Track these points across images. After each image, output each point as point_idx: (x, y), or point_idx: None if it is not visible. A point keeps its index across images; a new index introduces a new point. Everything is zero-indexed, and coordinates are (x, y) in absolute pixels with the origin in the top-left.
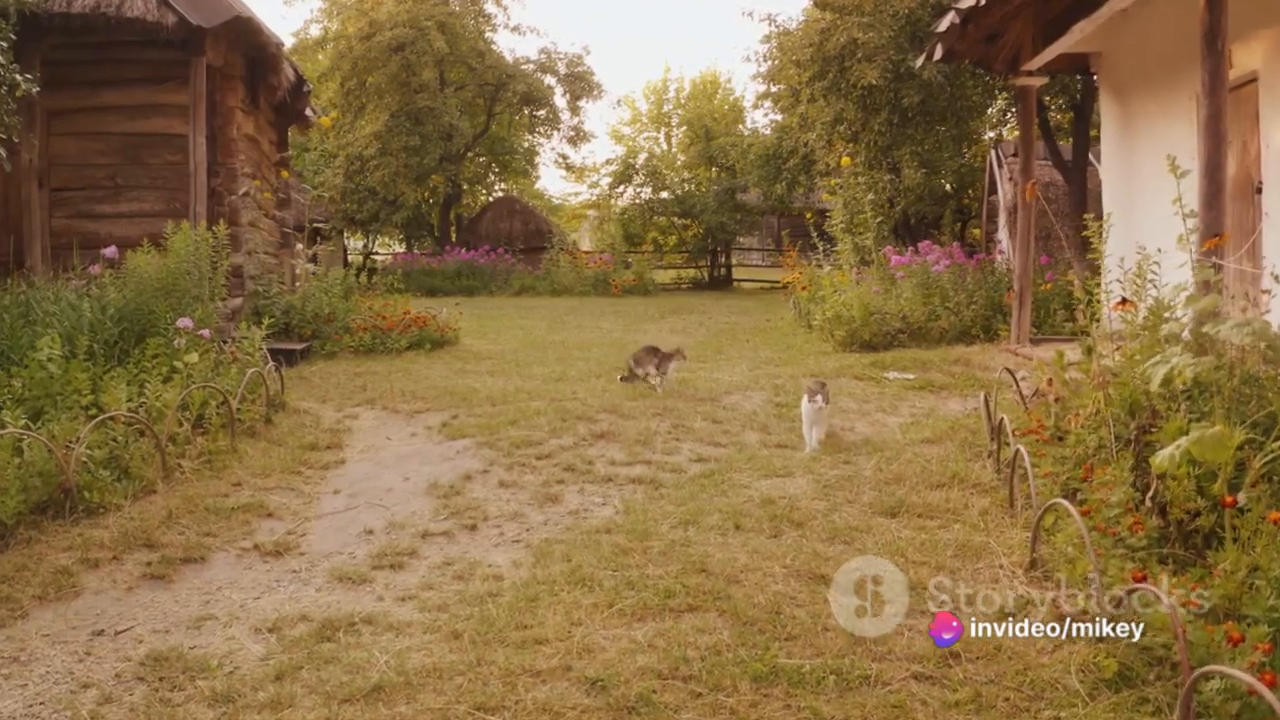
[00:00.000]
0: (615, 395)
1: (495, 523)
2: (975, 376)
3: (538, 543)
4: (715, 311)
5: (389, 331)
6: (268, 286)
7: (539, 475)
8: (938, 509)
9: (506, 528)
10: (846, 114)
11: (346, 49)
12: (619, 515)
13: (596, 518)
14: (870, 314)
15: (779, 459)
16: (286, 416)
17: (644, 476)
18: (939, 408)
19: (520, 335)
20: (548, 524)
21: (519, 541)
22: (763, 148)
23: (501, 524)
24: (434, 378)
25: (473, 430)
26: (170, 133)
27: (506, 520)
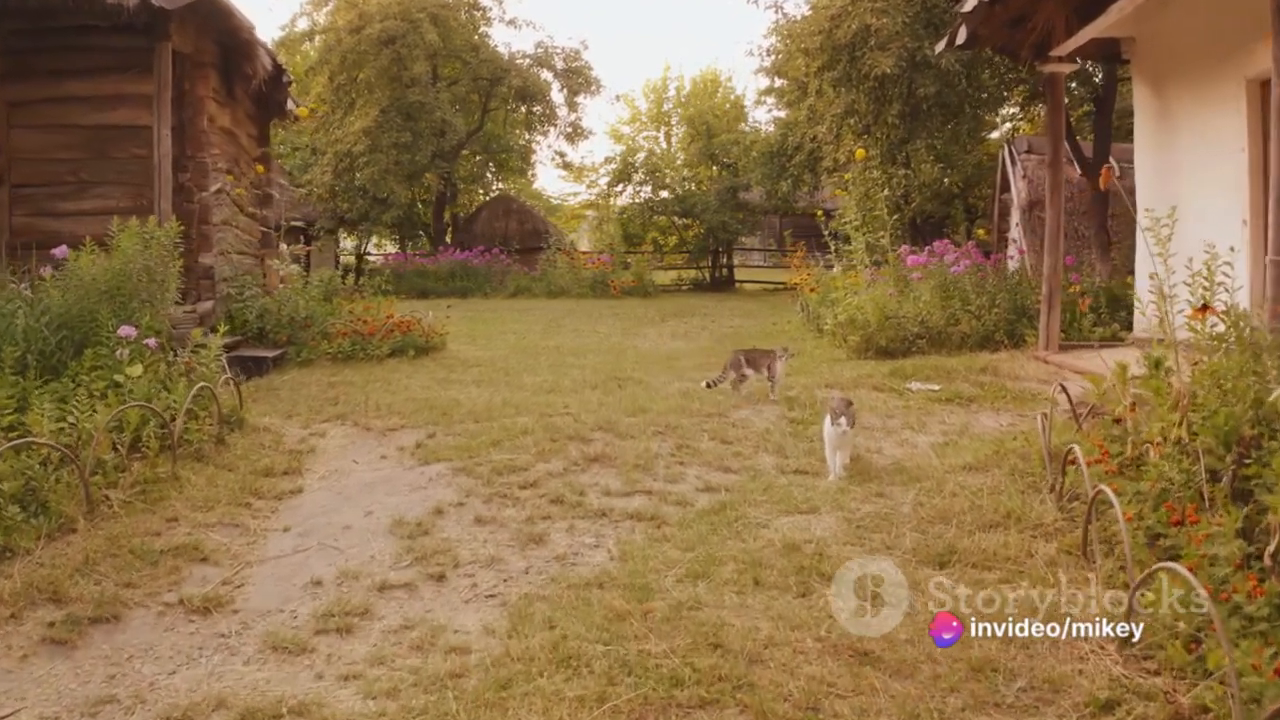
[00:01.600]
0: (611, 410)
1: (467, 571)
2: (1005, 387)
3: (516, 599)
4: (718, 314)
5: (370, 337)
6: (241, 289)
7: (522, 509)
8: (995, 557)
9: (481, 577)
10: (858, 106)
11: (335, 42)
12: (614, 562)
13: (587, 565)
14: (886, 318)
15: (800, 489)
16: (243, 436)
17: (644, 511)
18: (971, 424)
19: (512, 340)
20: (530, 572)
21: (494, 596)
22: (766, 145)
23: (475, 572)
24: (414, 389)
25: (450, 453)
26: (137, 125)
27: (481, 567)
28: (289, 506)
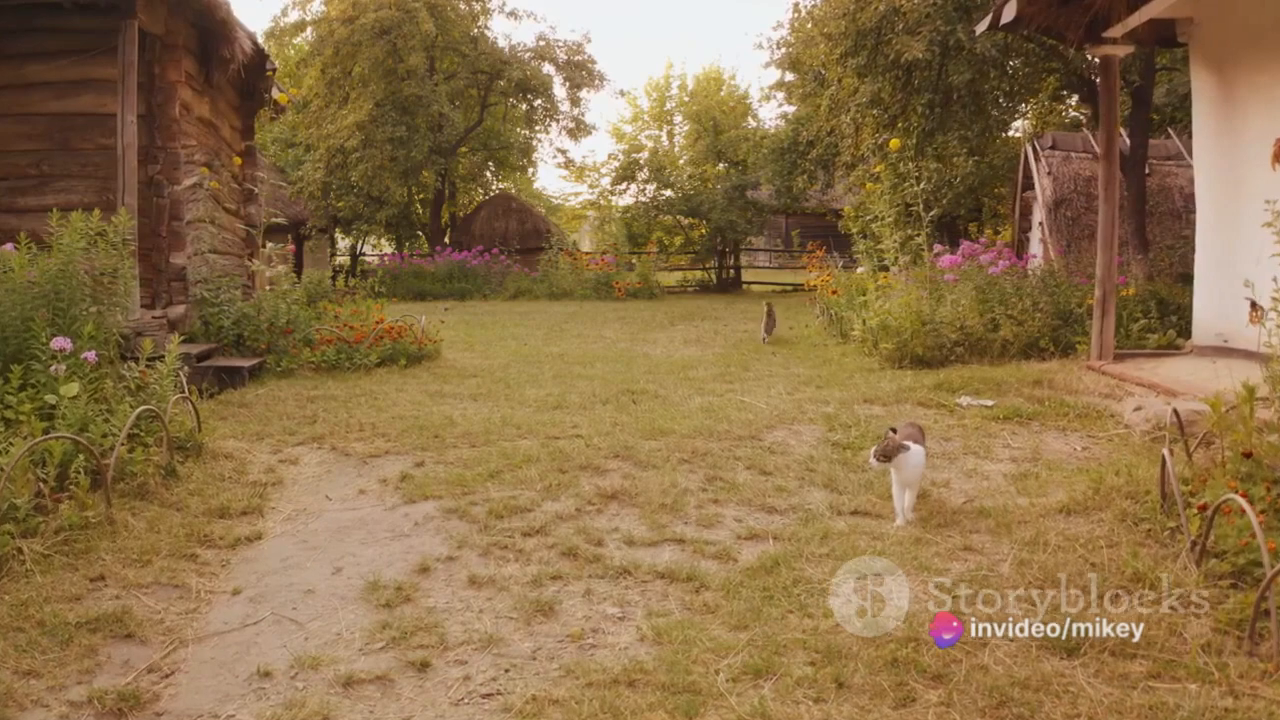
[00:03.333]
0: (626, 431)
1: (458, 656)
2: (1064, 403)
3: (521, 702)
4: (729, 318)
5: (357, 345)
6: (216, 293)
7: (527, 565)
8: (1134, 642)
9: (475, 665)
10: (883, 95)
11: (328, 33)
12: (646, 646)
13: (611, 649)
14: (923, 324)
15: (864, 539)
16: (200, 465)
17: (677, 568)
18: (1041, 449)
19: (512, 346)
20: (537, 659)
21: (493, 696)
22: (777, 141)
23: (468, 657)
24: (403, 404)
25: (440, 488)
26: (103, 112)
27: (476, 650)
28: (243, 559)
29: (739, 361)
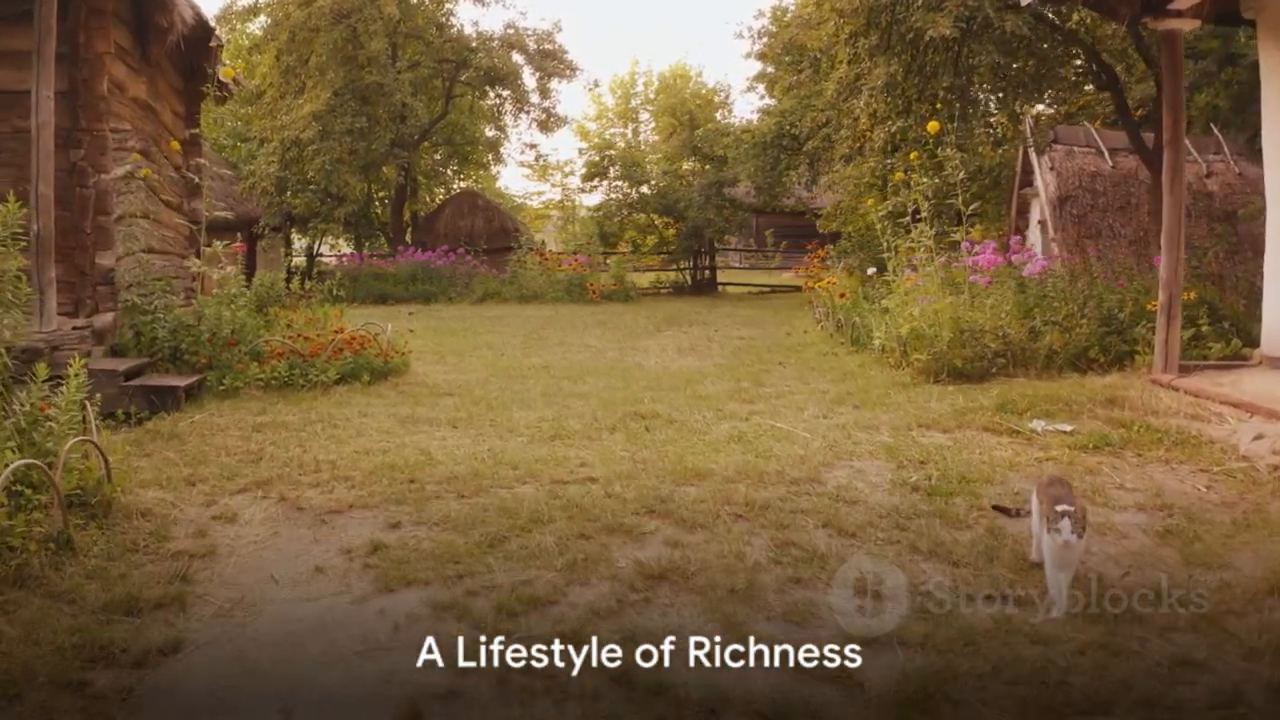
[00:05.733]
0: (651, 471)
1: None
2: (1152, 428)
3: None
4: (717, 322)
5: (313, 358)
6: (150, 298)
7: (563, 704)
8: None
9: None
10: (899, 77)
11: (283, 17)
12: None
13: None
14: (961, 331)
15: (1021, 639)
16: (108, 529)
17: (783, 701)
18: (1162, 489)
19: (489, 357)
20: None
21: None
22: (759, 135)
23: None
24: (369, 434)
25: (426, 565)
26: (19, 89)
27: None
28: (152, 689)
29: (748, 375)
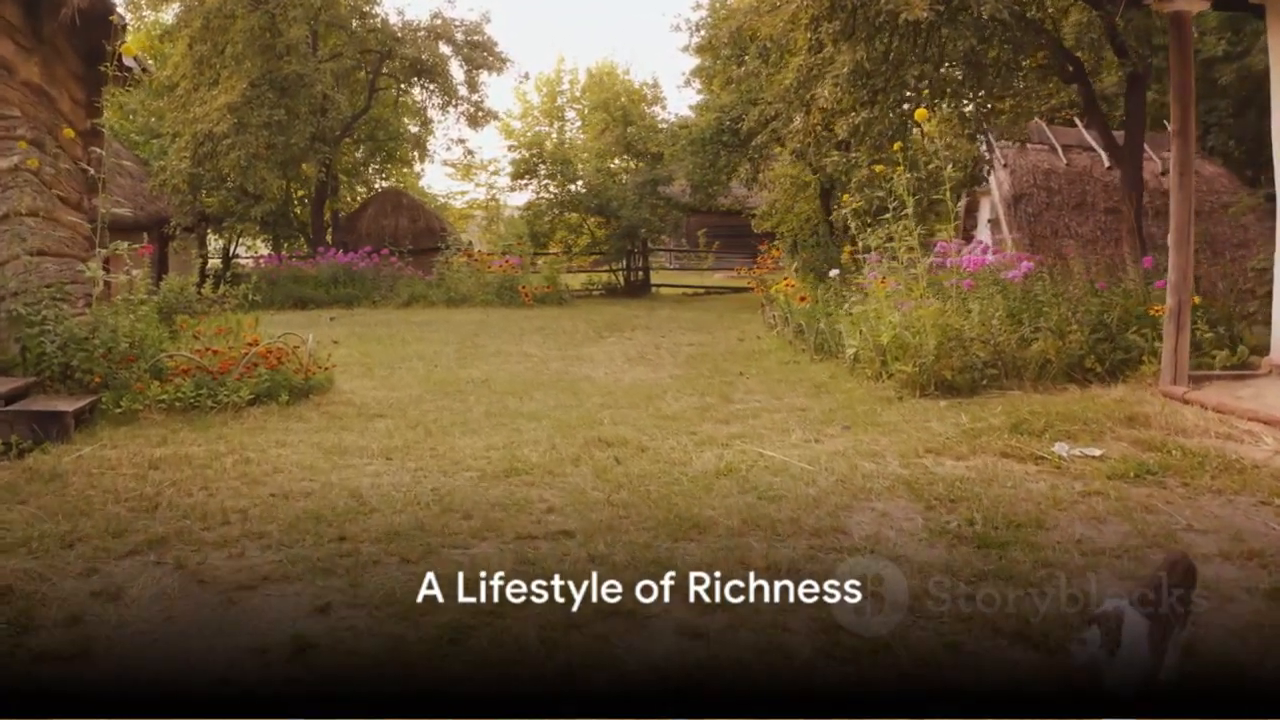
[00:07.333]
0: (637, 524)
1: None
2: (1186, 450)
3: None
4: (660, 327)
5: (224, 375)
6: (37, 308)
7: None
8: None
9: None
10: (865, 65)
11: (196, 2)
12: None
13: None
14: (949, 339)
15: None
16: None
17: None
18: (1239, 528)
19: (421, 370)
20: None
21: None
22: (698, 131)
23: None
24: (288, 470)
25: (367, 681)
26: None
27: None
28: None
29: (711, 389)
